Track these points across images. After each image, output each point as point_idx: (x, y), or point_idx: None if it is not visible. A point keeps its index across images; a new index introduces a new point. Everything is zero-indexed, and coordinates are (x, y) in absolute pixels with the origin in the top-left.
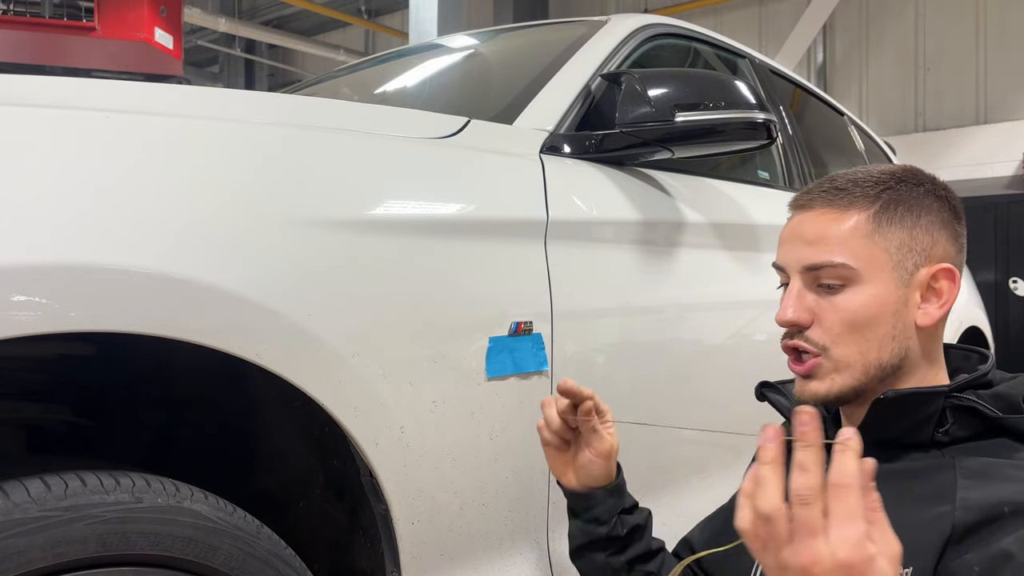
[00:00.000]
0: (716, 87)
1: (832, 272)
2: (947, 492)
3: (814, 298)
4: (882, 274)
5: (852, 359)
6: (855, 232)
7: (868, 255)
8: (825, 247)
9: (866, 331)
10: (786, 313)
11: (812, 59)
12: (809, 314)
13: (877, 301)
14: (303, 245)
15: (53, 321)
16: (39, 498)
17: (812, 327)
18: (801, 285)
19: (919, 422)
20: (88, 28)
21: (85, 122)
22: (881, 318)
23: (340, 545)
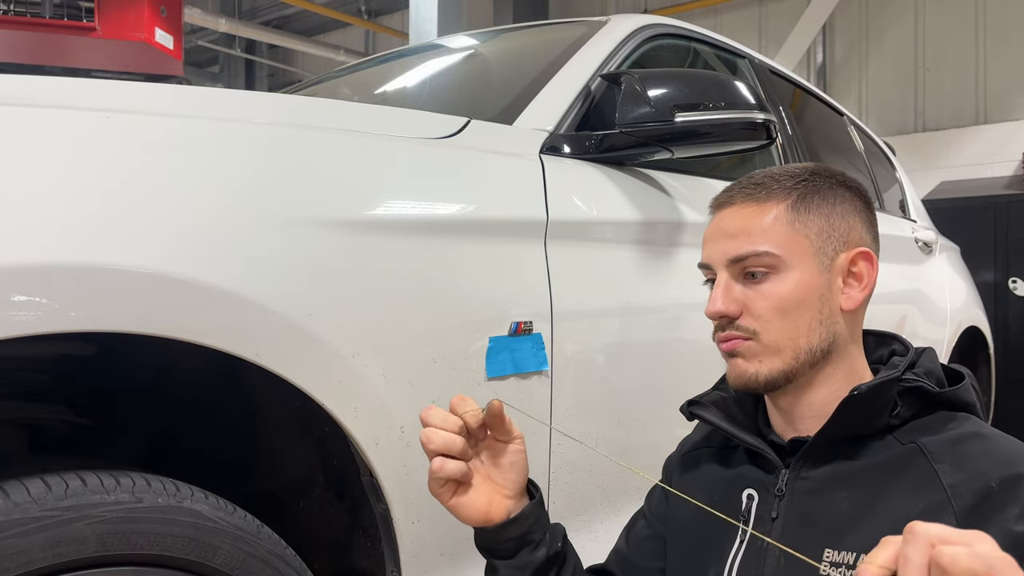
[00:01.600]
0: (716, 87)
1: (757, 260)
2: (928, 480)
3: (741, 289)
4: (805, 260)
5: (782, 343)
6: (776, 221)
7: (790, 242)
8: (748, 238)
9: (794, 316)
10: (715, 305)
11: (812, 59)
12: (737, 305)
13: (802, 285)
14: (303, 245)
15: (54, 321)
16: (39, 498)
17: (742, 316)
18: (728, 277)
19: (880, 411)
20: (88, 28)
21: (85, 122)
22: (808, 302)
23: (340, 545)
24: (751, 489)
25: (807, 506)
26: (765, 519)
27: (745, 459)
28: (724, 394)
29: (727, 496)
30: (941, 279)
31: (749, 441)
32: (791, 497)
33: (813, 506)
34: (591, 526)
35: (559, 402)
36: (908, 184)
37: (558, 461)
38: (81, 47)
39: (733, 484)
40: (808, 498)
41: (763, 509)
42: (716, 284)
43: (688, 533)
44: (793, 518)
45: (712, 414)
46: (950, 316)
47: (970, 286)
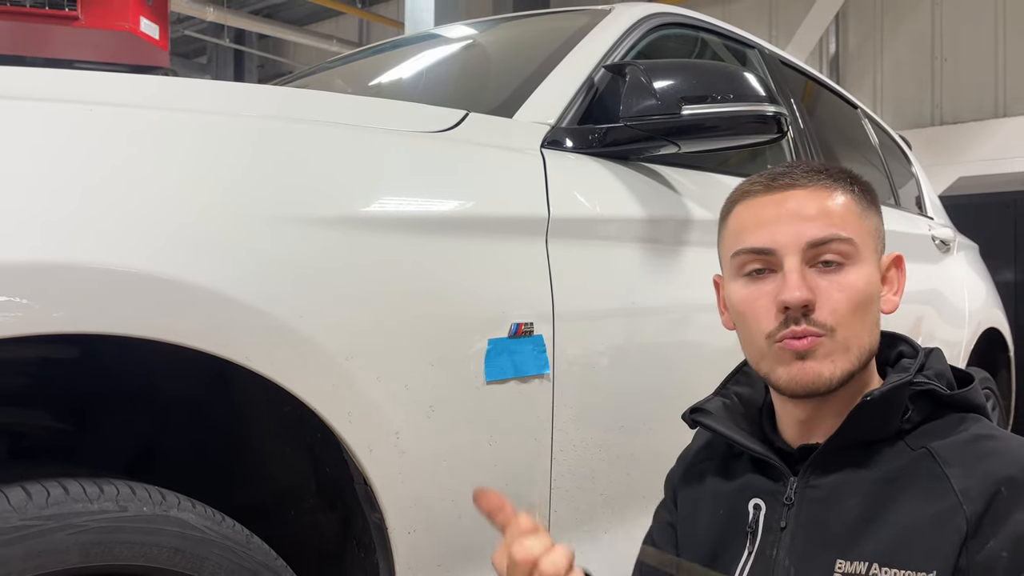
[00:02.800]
0: (724, 79)
1: (839, 247)
2: (939, 486)
3: (813, 276)
4: (871, 255)
5: (851, 342)
6: (849, 210)
7: (863, 234)
8: (829, 221)
9: (863, 313)
10: (795, 292)
11: (824, 50)
12: (813, 294)
13: (873, 281)
14: (294, 243)
15: (35, 322)
16: (20, 507)
17: (817, 309)
18: (800, 263)
19: (892, 416)
20: (71, 17)
21: (67, 116)
22: (874, 300)
23: (333, 556)
24: (758, 499)
25: (817, 514)
26: (774, 529)
27: (750, 467)
28: (727, 400)
29: (733, 508)
30: (959, 279)
31: (755, 449)
32: (800, 506)
33: (823, 514)
34: (595, 535)
35: (561, 407)
36: (925, 180)
37: (560, 468)
38: (63, 37)
39: (739, 495)
40: (818, 506)
41: (771, 519)
42: (789, 270)
43: (697, 549)
44: (803, 527)
45: (716, 422)
46: (968, 317)
47: (989, 286)
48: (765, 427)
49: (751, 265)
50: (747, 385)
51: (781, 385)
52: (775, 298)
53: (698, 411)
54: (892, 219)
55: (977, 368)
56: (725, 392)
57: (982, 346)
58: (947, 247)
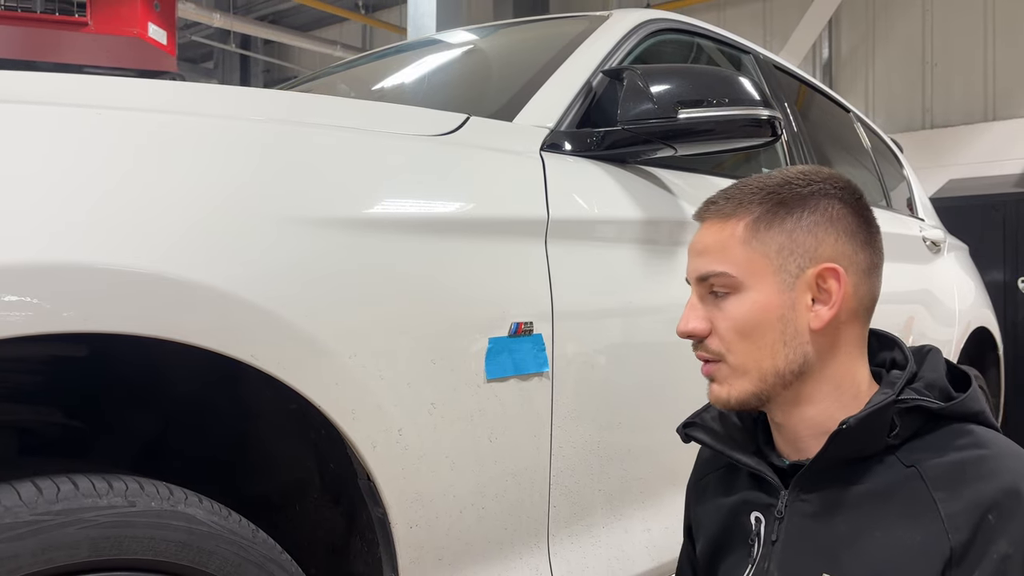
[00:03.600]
0: (720, 83)
1: (718, 280)
2: (925, 509)
3: (710, 307)
4: (764, 279)
5: (747, 366)
6: (733, 240)
7: (747, 261)
8: (709, 257)
9: (754, 337)
10: (685, 324)
11: (817, 55)
12: (707, 323)
13: (759, 307)
14: (299, 244)
15: (45, 322)
16: (30, 502)
17: (710, 336)
18: (698, 296)
19: (874, 437)
20: (80, 23)
21: (77, 119)
22: (767, 324)
23: (337, 549)
24: (758, 512)
25: (806, 529)
26: (767, 542)
27: (748, 479)
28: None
29: (736, 520)
30: (949, 279)
31: (750, 464)
32: (790, 519)
33: (812, 529)
34: (593, 531)
35: (560, 404)
36: (916, 182)
37: (559, 465)
38: (73, 42)
39: (741, 508)
40: (807, 520)
41: (767, 532)
42: (688, 302)
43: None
44: (792, 541)
45: (710, 437)
46: (958, 317)
47: (979, 286)
48: (759, 438)
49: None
50: None
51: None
52: None
53: (692, 425)
54: (884, 221)
55: (967, 367)
56: None
57: (972, 345)
58: (938, 248)
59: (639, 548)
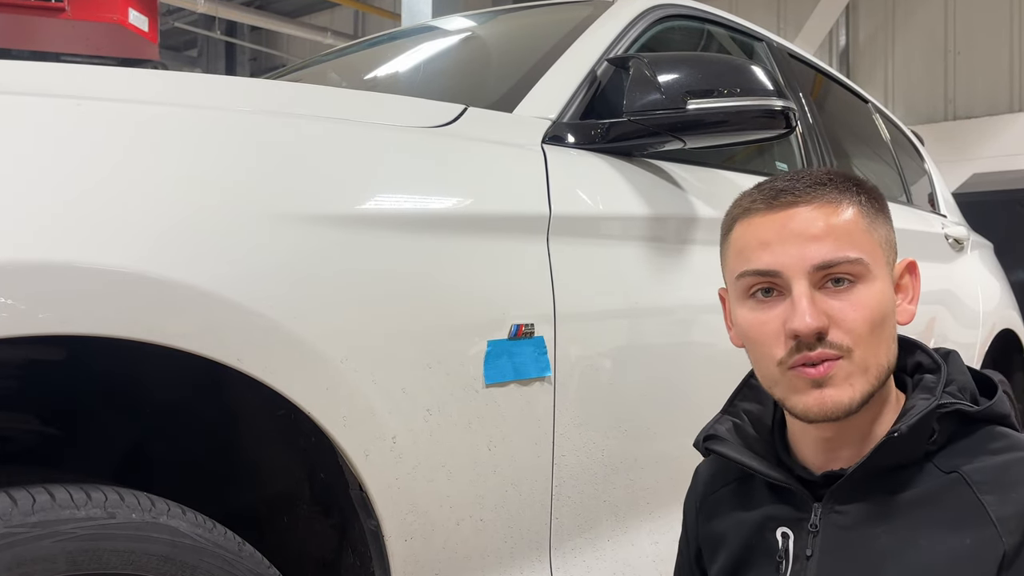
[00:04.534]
0: (731, 72)
1: (849, 267)
2: (974, 514)
3: (824, 299)
4: (882, 269)
5: (870, 361)
6: (856, 225)
7: (872, 249)
8: (836, 242)
9: (880, 330)
10: (804, 320)
11: (834, 42)
12: (826, 317)
13: (886, 297)
14: (288, 242)
15: (20, 323)
16: (4, 514)
17: (831, 331)
18: (808, 287)
19: (919, 443)
20: (57, 9)
21: (54, 110)
22: (888, 316)
23: (328, 564)
24: (785, 528)
25: (844, 542)
26: (800, 557)
27: (767, 493)
28: (737, 420)
29: (760, 537)
30: (973, 278)
31: (776, 477)
32: (826, 533)
33: (850, 542)
34: (597, 544)
35: (562, 410)
36: (938, 176)
37: (563, 474)
38: (50, 29)
39: (764, 524)
40: (844, 533)
41: (799, 547)
42: (798, 295)
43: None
44: (829, 555)
45: (731, 449)
46: (983, 318)
47: (1004, 286)
48: (778, 448)
49: (757, 286)
50: (755, 401)
51: (798, 413)
52: (784, 324)
53: (712, 438)
54: (904, 217)
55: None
56: (733, 410)
57: (996, 348)
58: (961, 246)
59: (646, 562)
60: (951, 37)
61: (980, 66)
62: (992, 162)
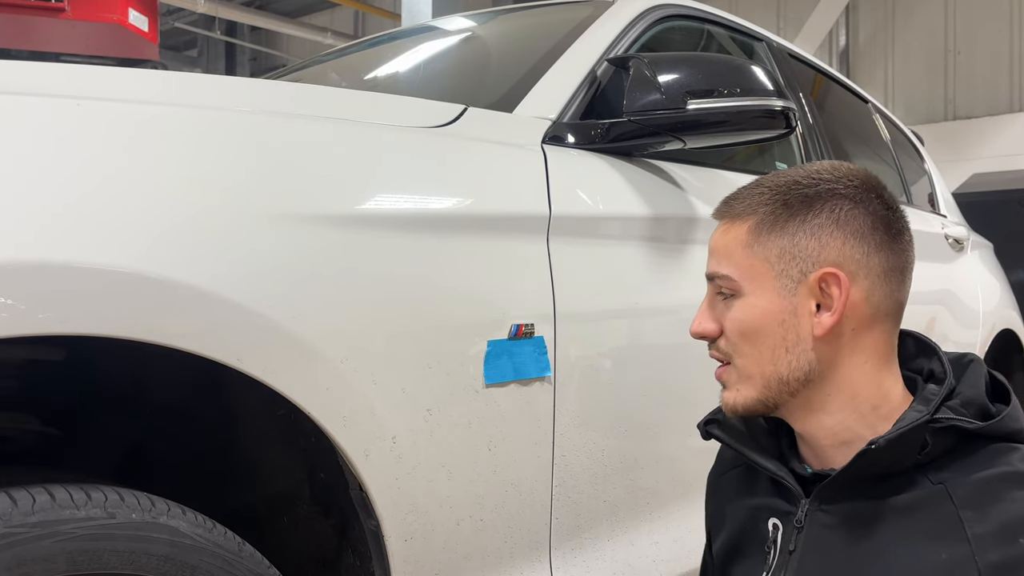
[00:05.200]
0: (731, 72)
1: (723, 283)
2: (951, 528)
3: (720, 308)
4: (763, 284)
5: (751, 370)
6: (736, 243)
7: (747, 266)
8: (715, 258)
9: (756, 342)
10: (696, 324)
11: (834, 42)
12: (717, 324)
13: (757, 311)
14: (287, 242)
15: (20, 323)
16: (4, 514)
17: (721, 337)
18: (710, 295)
19: (903, 456)
20: (57, 9)
21: (54, 110)
22: (766, 330)
23: (328, 564)
24: (776, 519)
25: (826, 541)
26: (784, 550)
27: (769, 482)
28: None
29: (754, 525)
30: (973, 278)
31: (770, 469)
32: (810, 530)
33: (832, 542)
34: (597, 543)
35: (562, 411)
36: (938, 176)
37: (562, 474)
38: (50, 29)
39: (759, 513)
40: (827, 533)
41: (784, 540)
42: (703, 301)
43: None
44: (811, 553)
45: (731, 436)
46: (983, 318)
47: (1004, 286)
48: (783, 442)
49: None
50: None
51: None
52: None
53: (713, 423)
54: None
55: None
56: None
57: (996, 348)
58: (961, 246)
59: (646, 562)
60: (951, 37)
61: (980, 66)
62: (992, 162)
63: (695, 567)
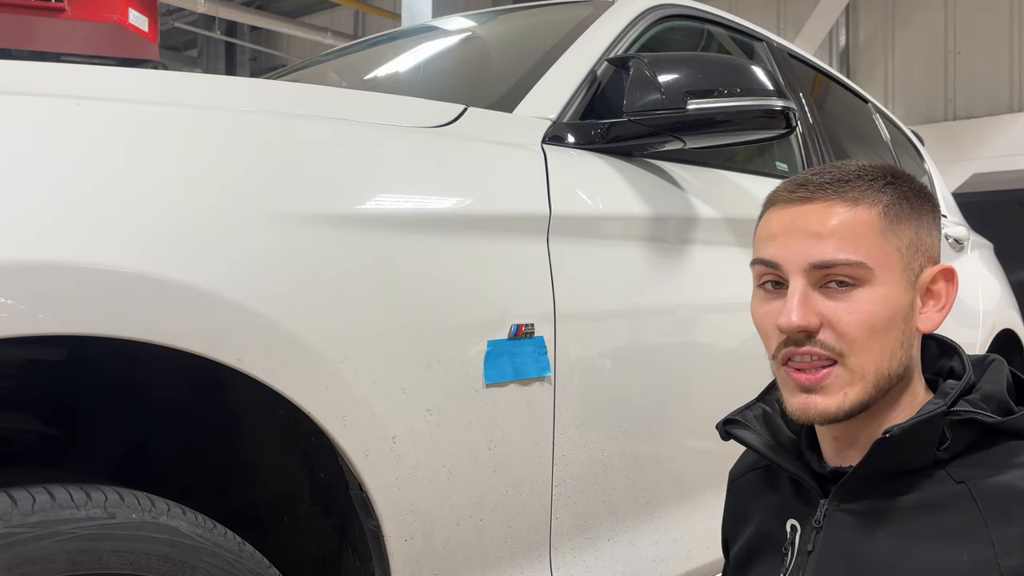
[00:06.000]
0: (731, 72)
1: (848, 270)
2: (975, 530)
3: (820, 299)
4: (894, 274)
5: (867, 368)
6: (869, 228)
7: (882, 253)
8: (838, 243)
9: (881, 336)
10: (792, 317)
11: (834, 42)
12: (818, 318)
13: (891, 303)
14: (287, 242)
15: (20, 323)
16: (4, 514)
17: (822, 331)
18: (805, 285)
19: (921, 449)
20: (57, 9)
21: (54, 110)
22: (894, 322)
23: (328, 564)
24: (794, 520)
25: (844, 542)
26: (803, 551)
27: (789, 483)
28: (768, 408)
29: (774, 525)
30: (973, 278)
31: (789, 469)
32: (829, 531)
33: (851, 542)
34: (597, 544)
35: (562, 411)
36: (938, 176)
37: (562, 474)
38: (50, 29)
39: (779, 513)
40: (846, 533)
41: (802, 541)
42: (791, 292)
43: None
44: (829, 554)
45: (751, 436)
46: (982, 318)
47: (1004, 286)
48: (803, 442)
49: (765, 277)
50: None
51: (789, 413)
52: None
53: (733, 423)
54: None
55: None
56: (767, 398)
57: (996, 348)
58: (961, 246)
59: (646, 563)
60: (951, 37)
61: (980, 66)
62: (992, 162)
63: (695, 567)
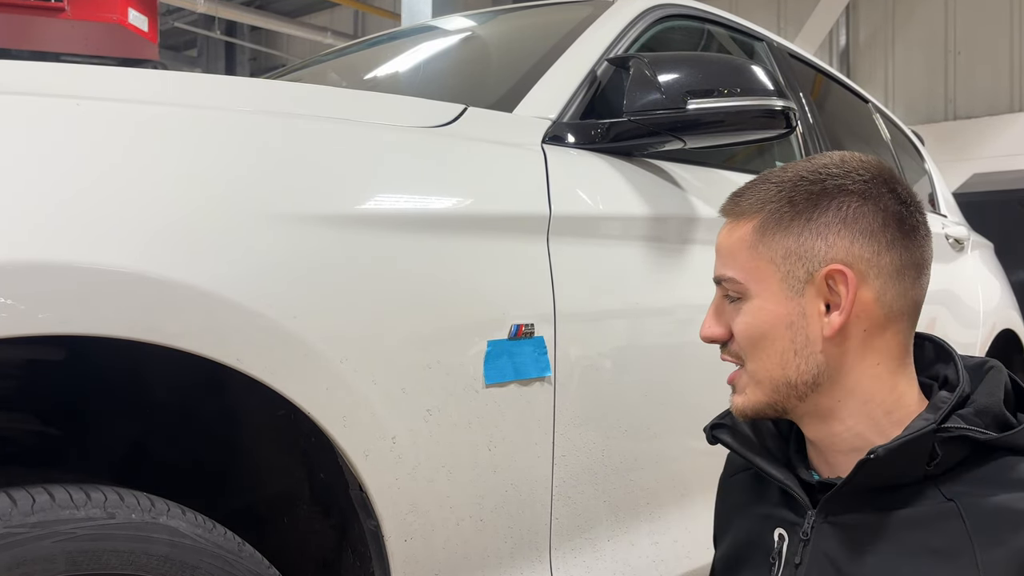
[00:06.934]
0: (731, 72)
1: (729, 285)
2: (961, 551)
3: (729, 311)
4: (769, 286)
5: (761, 374)
6: (741, 244)
7: (752, 267)
8: (720, 260)
9: (763, 346)
10: (704, 328)
11: (834, 42)
12: (725, 328)
13: (764, 314)
14: (287, 242)
15: (20, 323)
16: (4, 514)
17: (732, 340)
18: (719, 298)
19: (909, 465)
20: (57, 9)
21: (54, 110)
22: (775, 333)
23: (328, 564)
24: (781, 529)
25: (832, 555)
26: (790, 563)
27: (776, 490)
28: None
29: (760, 534)
30: (973, 278)
31: (777, 477)
32: (816, 543)
33: (838, 556)
34: (596, 544)
35: (562, 411)
36: (938, 176)
37: (562, 474)
38: (50, 29)
39: (766, 522)
40: (833, 546)
41: (790, 552)
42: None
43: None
44: (816, 566)
45: (738, 441)
46: (983, 318)
47: (1004, 286)
48: (791, 447)
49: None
50: None
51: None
52: None
53: (720, 427)
54: None
55: None
56: None
57: (996, 348)
58: (961, 246)
59: (646, 562)
60: (951, 37)
61: (981, 66)
62: (992, 162)
63: (695, 568)
